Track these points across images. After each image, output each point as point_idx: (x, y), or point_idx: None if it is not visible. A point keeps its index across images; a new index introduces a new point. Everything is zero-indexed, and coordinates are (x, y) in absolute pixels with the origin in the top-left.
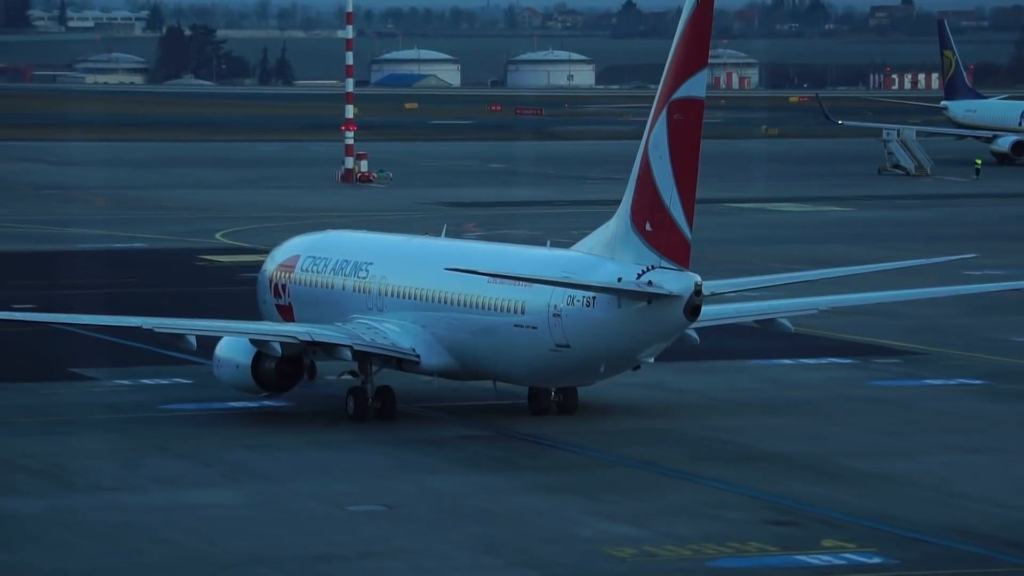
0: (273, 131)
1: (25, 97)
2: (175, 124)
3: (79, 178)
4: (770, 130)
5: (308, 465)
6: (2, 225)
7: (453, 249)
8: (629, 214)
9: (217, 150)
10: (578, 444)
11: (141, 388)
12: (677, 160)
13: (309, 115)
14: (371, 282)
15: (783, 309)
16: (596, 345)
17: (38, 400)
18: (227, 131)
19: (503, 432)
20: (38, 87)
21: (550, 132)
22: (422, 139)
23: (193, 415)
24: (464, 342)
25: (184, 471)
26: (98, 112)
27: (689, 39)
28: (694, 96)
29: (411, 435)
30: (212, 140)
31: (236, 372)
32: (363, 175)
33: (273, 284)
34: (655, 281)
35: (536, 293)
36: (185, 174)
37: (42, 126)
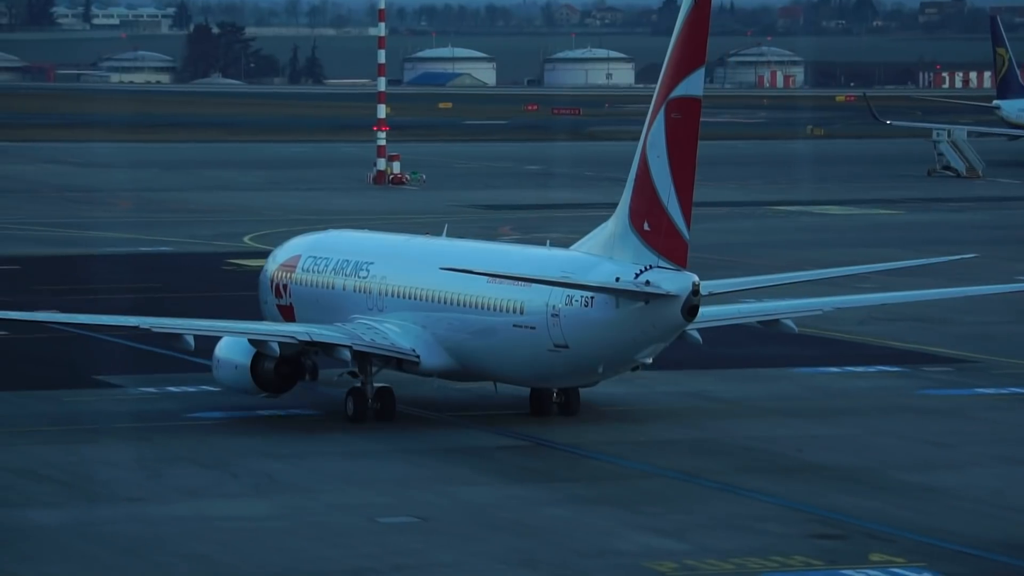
0: (303, 132)
1: (49, 97)
2: (202, 124)
3: (104, 180)
4: (816, 130)
5: (338, 475)
6: (25, 228)
7: (453, 249)
8: (627, 214)
9: (245, 151)
10: (616, 454)
11: (167, 396)
12: (675, 159)
13: (340, 115)
14: (371, 282)
15: (788, 310)
16: (594, 345)
17: (61, 408)
18: (256, 132)
19: (539, 442)
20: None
21: (588, 132)
22: (456, 140)
23: (220, 424)
24: (464, 342)
25: (211, 482)
26: (123, 112)
27: (687, 37)
28: (692, 95)
29: (444, 445)
30: (240, 141)
31: (235, 373)
32: (395, 177)
33: (274, 284)
34: (653, 281)
35: (535, 293)
36: (213, 176)
37: (66, 126)
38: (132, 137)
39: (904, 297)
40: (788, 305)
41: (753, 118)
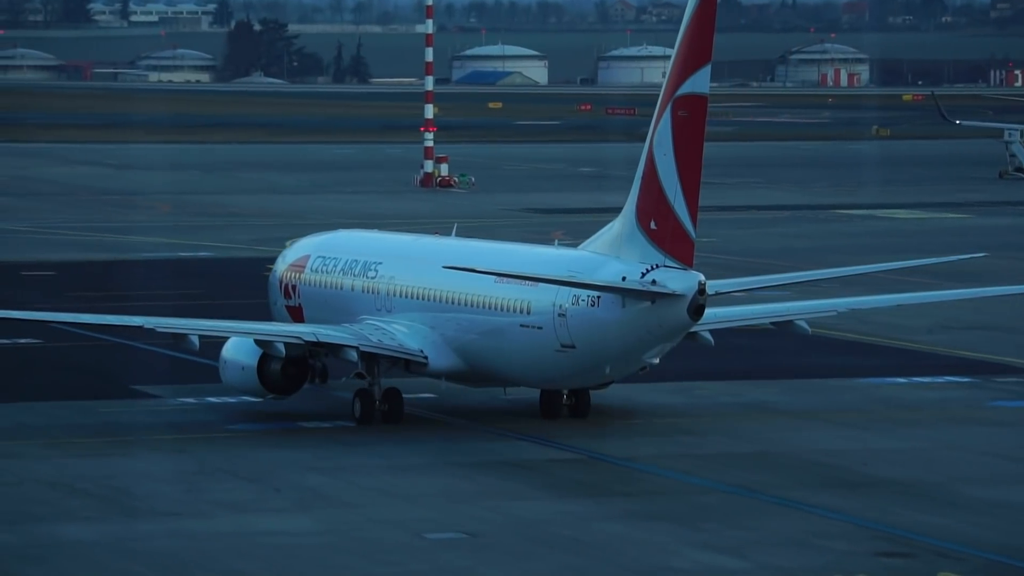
0: (347, 132)
1: (85, 96)
2: (243, 125)
3: (142, 183)
4: (882, 131)
5: (384, 489)
6: (60, 233)
7: (461, 249)
8: (634, 212)
9: (288, 153)
10: (672, 468)
11: (206, 407)
12: (681, 157)
13: (386, 115)
14: (379, 282)
15: (801, 311)
16: (601, 345)
17: (97, 419)
18: (299, 132)
19: (592, 455)
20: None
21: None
22: (506, 141)
23: (262, 435)
24: (471, 343)
25: (252, 496)
26: (162, 112)
27: (694, 33)
28: (698, 92)
29: (493, 457)
30: (283, 142)
31: (242, 374)
32: (443, 180)
33: (283, 285)
34: (659, 280)
35: (542, 293)
36: (254, 178)
37: (103, 127)
38: (171, 138)
39: (921, 298)
40: (801, 306)
41: (816, 118)
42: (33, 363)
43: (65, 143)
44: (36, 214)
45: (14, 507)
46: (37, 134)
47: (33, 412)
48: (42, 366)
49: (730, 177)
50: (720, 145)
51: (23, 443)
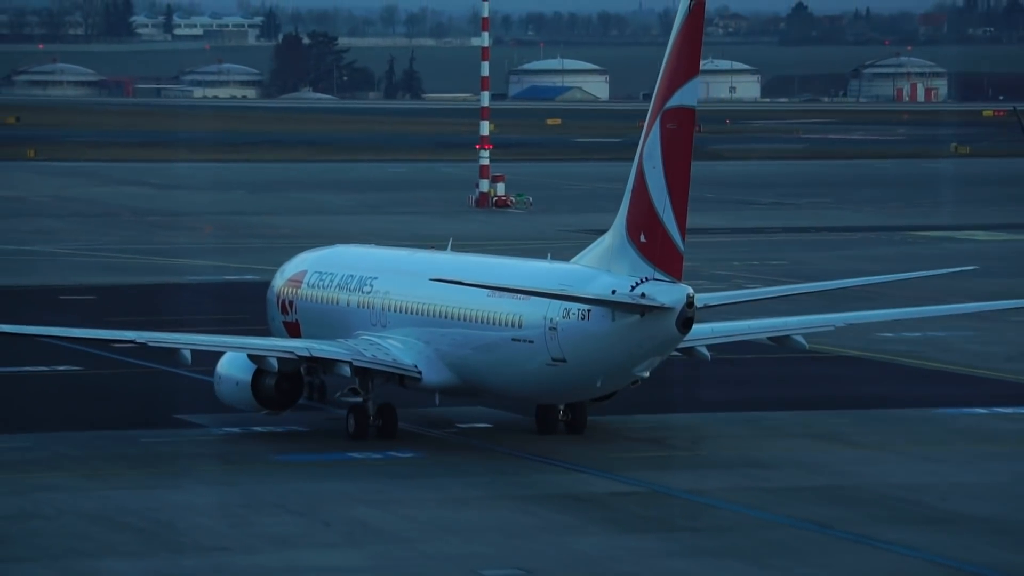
0: (399, 150)
1: (127, 113)
2: (291, 143)
3: (185, 203)
4: (960, 148)
5: (438, 524)
6: (101, 255)
7: (455, 263)
8: (624, 225)
9: (337, 171)
10: (740, 502)
11: (253, 436)
12: (670, 170)
13: (440, 132)
14: (374, 297)
15: (798, 326)
16: (592, 359)
17: (140, 449)
18: (349, 150)
19: (656, 488)
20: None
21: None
22: (565, 159)
23: (310, 467)
24: (464, 358)
25: (301, 530)
26: (207, 129)
27: (681, 47)
28: (686, 105)
29: (551, 490)
30: (332, 160)
31: (236, 389)
32: (500, 199)
33: (281, 301)
34: (648, 293)
35: (533, 307)
36: (302, 199)
37: (145, 145)
38: (216, 156)
39: (917, 313)
40: (799, 321)
41: (891, 135)
42: (72, 391)
43: (106, 162)
44: (76, 235)
45: (54, 541)
46: (77, 152)
47: (73, 442)
48: (82, 394)
49: (800, 197)
50: (789, 164)
51: (63, 475)
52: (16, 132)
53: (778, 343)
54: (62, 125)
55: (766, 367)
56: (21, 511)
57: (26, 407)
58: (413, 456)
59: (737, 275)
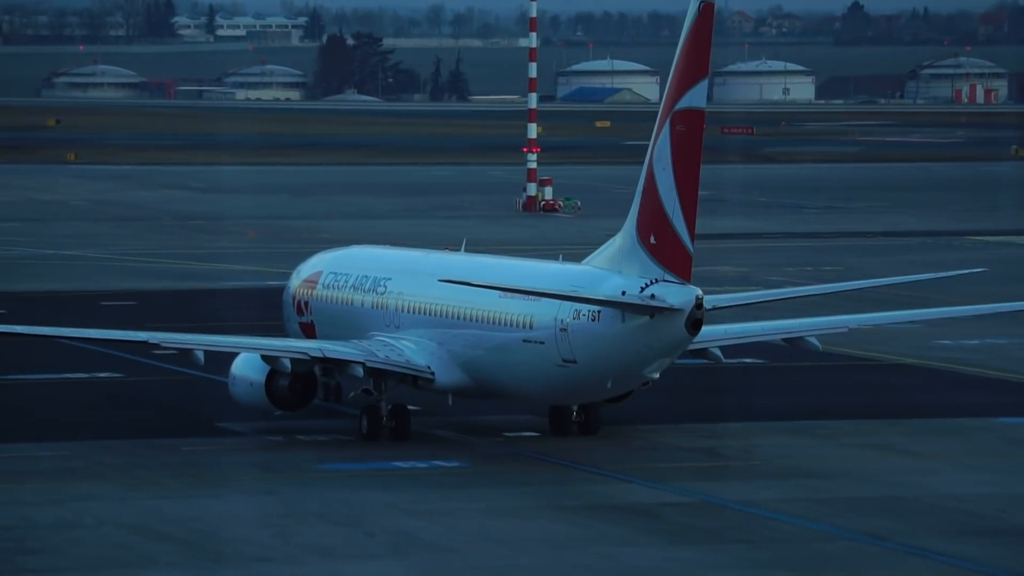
0: (445, 153)
1: (168, 115)
2: (335, 145)
3: (228, 207)
4: (1021, 151)
5: (483, 534)
6: (142, 260)
7: (468, 264)
8: (635, 227)
9: (382, 175)
10: (795, 514)
11: (296, 445)
12: (679, 172)
13: (486, 135)
14: (388, 298)
15: (811, 327)
16: (602, 360)
17: (181, 458)
18: (394, 153)
19: (707, 499)
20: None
21: (762, 154)
22: (615, 162)
23: (354, 476)
24: (476, 359)
25: (344, 540)
26: (249, 132)
27: (691, 48)
28: (695, 107)
29: (600, 501)
30: (377, 164)
31: (250, 390)
32: (547, 203)
33: (296, 301)
34: (657, 295)
35: (544, 308)
36: (347, 202)
37: (187, 148)
38: (259, 160)
39: (933, 314)
40: (812, 322)
41: (949, 137)
42: (112, 398)
43: (147, 165)
44: (117, 240)
45: (94, 552)
46: (118, 156)
47: (113, 451)
48: (122, 401)
49: (855, 201)
50: (844, 167)
51: (103, 484)
52: (56, 135)
53: (792, 344)
54: (102, 128)
55: (820, 375)
56: (60, 521)
57: (65, 415)
58: (459, 465)
59: (791, 280)
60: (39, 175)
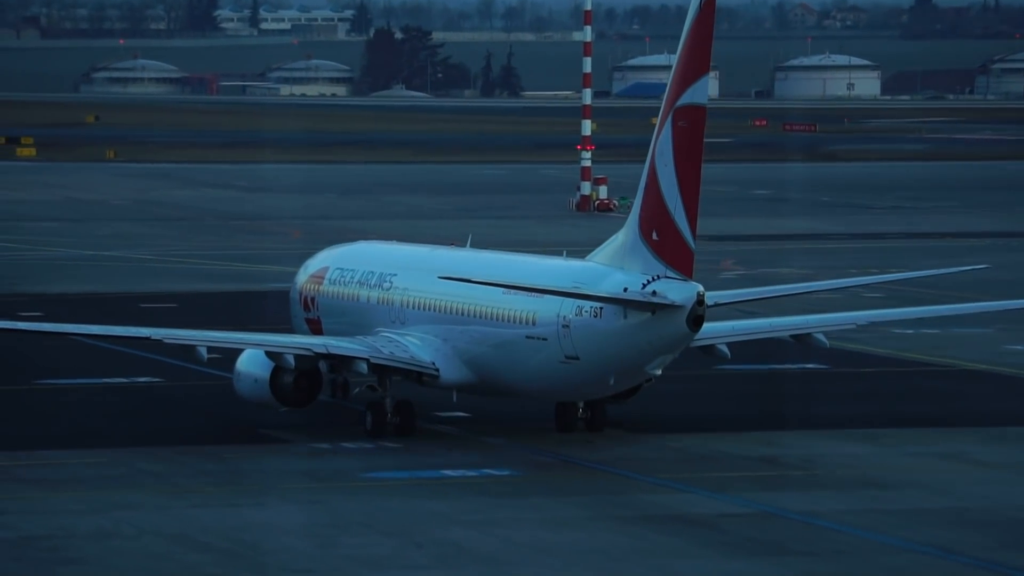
0: (497, 151)
1: (210, 112)
2: (383, 143)
3: (272, 206)
4: None
5: (535, 546)
6: (183, 261)
7: (473, 260)
8: (637, 223)
9: (431, 173)
10: (857, 525)
11: (342, 452)
12: (681, 168)
13: (539, 132)
14: (394, 294)
15: (820, 324)
16: (604, 356)
17: (223, 466)
18: (443, 151)
19: (768, 509)
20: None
21: (826, 152)
22: None
23: (402, 485)
24: (479, 355)
25: (391, 551)
26: (294, 129)
27: (693, 43)
28: (697, 103)
29: (657, 511)
30: (426, 162)
31: (255, 386)
32: (602, 203)
33: (303, 297)
34: (659, 291)
35: (546, 304)
36: (395, 202)
37: (230, 145)
38: (304, 157)
39: (942, 311)
40: (820, 319)
41: (1021, 135)
42: (153, 404)
43: (189, 163)
44: (158, 241)
45: (133, 563)
46: (159, 153)
47: (153, 458)
48: (163, 407)
49: (922, 201)
50: (911, 165)
51: (142, 492)
52: (95, 132)
53: (800, 341)
54: (143, 124)
55: (884, 381)
56: (99, 530)
57: (104, 421)
58: (510, 474)
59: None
60: (78, 173)
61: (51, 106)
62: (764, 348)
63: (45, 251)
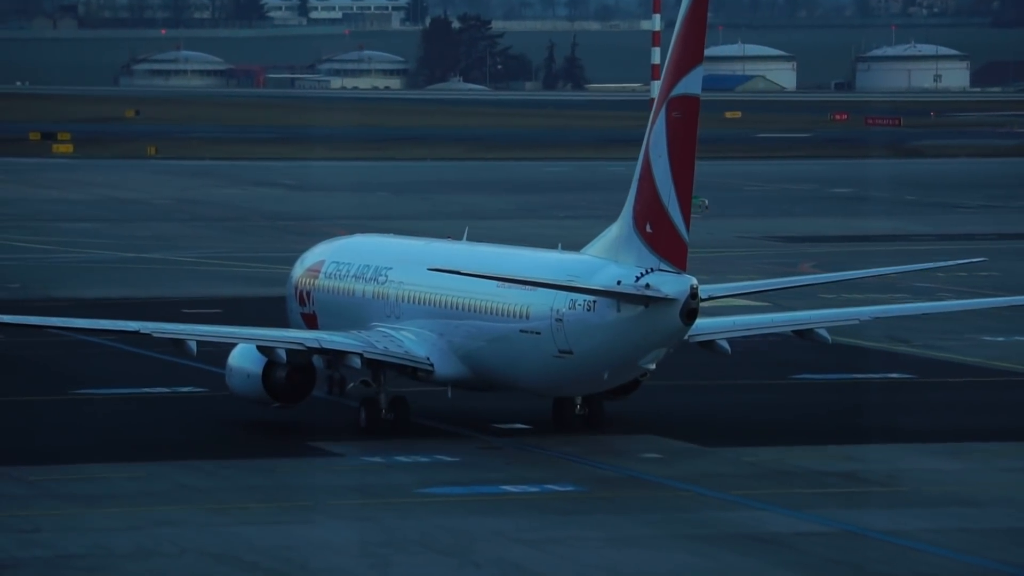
0: (560, 147)
1: (258, 105)
2: (439, 138)
3: (322, 206)
4: None
5: (602, 566)
6: (228, 264)
7: (467, 253)
8: (631, 215)
9: (490, 171)
10: (946, 545)
11: (396, 467)
12: (675, 159)
13: (605, 127)
14: (389, 288)
15: (822, 319)
16: (598, 351)
17: (270, 480)
18: (504, 147)
19: (849, 528)
20: (273, 93)
21: (911, 147)
22: (746, 157)
23: (460, 501)
24: (474, 350)
25: (448, 571)
26: (345, 123)
27: (686, 34)
28: (691, 93)
29: (730, 529)
30: (485, 158)
31: (247, 382)
32: None
33: (298, 292)
34: (652, 284)
35: (540, 298)
36: (452, 201)
37: (277, 141)
38: (356, 154)
39: (949, 306)
40: (823, 314)
41: None
42: (196, 415)
43: (234, 160)
44: (202, 242)
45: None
46: (202, 149)
47: (197, 472)
48: (206, 418)
49: (1014, 199)
50: (1002, 162)
51: (185, 508)
52: (135, 127)
53: (802, 337)
54: (186, 119)
55: (975, 391)
56: (139, 548)
57: (144, 433)
58: (574, 490)
59: (942, 288)
60: (117, 171)
61: (89, 100)
62: (845, 356)
63: (81, 253)
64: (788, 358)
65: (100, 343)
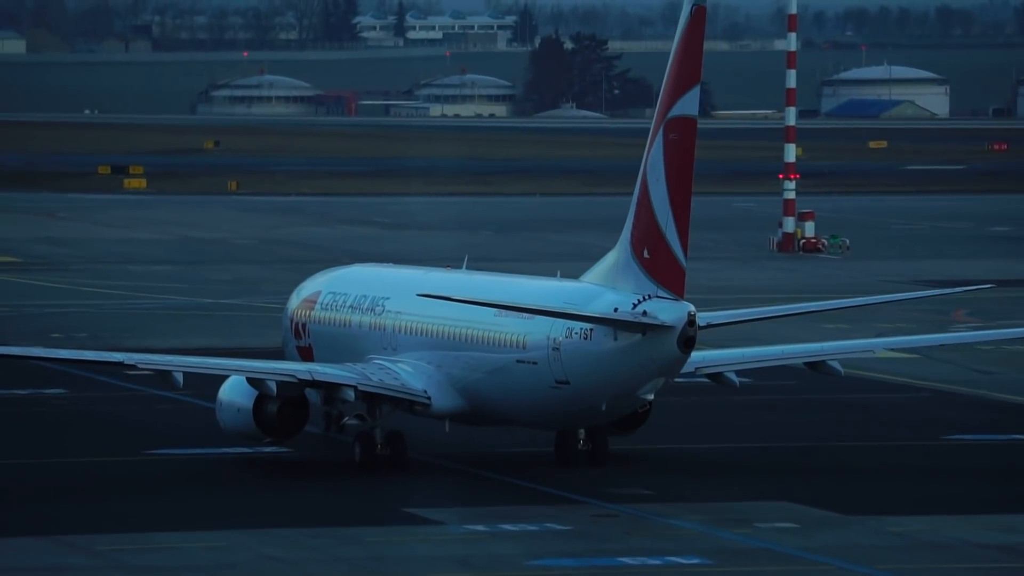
0: None
1: (349, 135)
2: (550, 171)
3: (420, 245)
4: None
5: None
6: None
7: (464, 282)
8: (629, 241)
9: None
10: None
11: (502, 536)
12: (673, 183)
13: (732, 159)
14: (386, 318)
15: (835, 351)
16: (595, 380)
17: (363, 551)
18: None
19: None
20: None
21: None
22: (892, 191)
23: (572, 572)
24: (472, 382)
25: None
26: (446, 155)
27: (683, 53)
28: (688, 115)
29: None
30: (599, 193)
31: (237, 416)
32: (808, 242)
33: (294, 324)
34: (650, 311)
35: (536, 326)
36: (562, 241)
37: (370, 175)
38: (457, 189)
39: (962, 338)
40: (836, 346)
41: None
42: (279, 477)
43: (323, 196)
44: (286, 286)
45: None
46: (288, 184)
47: (280, 541)
48: (290, 481)
49: None
50: None
51: None
52: (215, 159)
53: (814, 369)
54: (270, 151)
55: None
56: None
57: (224, 498)
58: (699, 563)
59: None
60: (194, 208)
61: (164, 130)
62: (1000, 416)
63: (155, 299)
64: (937, 415)
65: (177, 398)
